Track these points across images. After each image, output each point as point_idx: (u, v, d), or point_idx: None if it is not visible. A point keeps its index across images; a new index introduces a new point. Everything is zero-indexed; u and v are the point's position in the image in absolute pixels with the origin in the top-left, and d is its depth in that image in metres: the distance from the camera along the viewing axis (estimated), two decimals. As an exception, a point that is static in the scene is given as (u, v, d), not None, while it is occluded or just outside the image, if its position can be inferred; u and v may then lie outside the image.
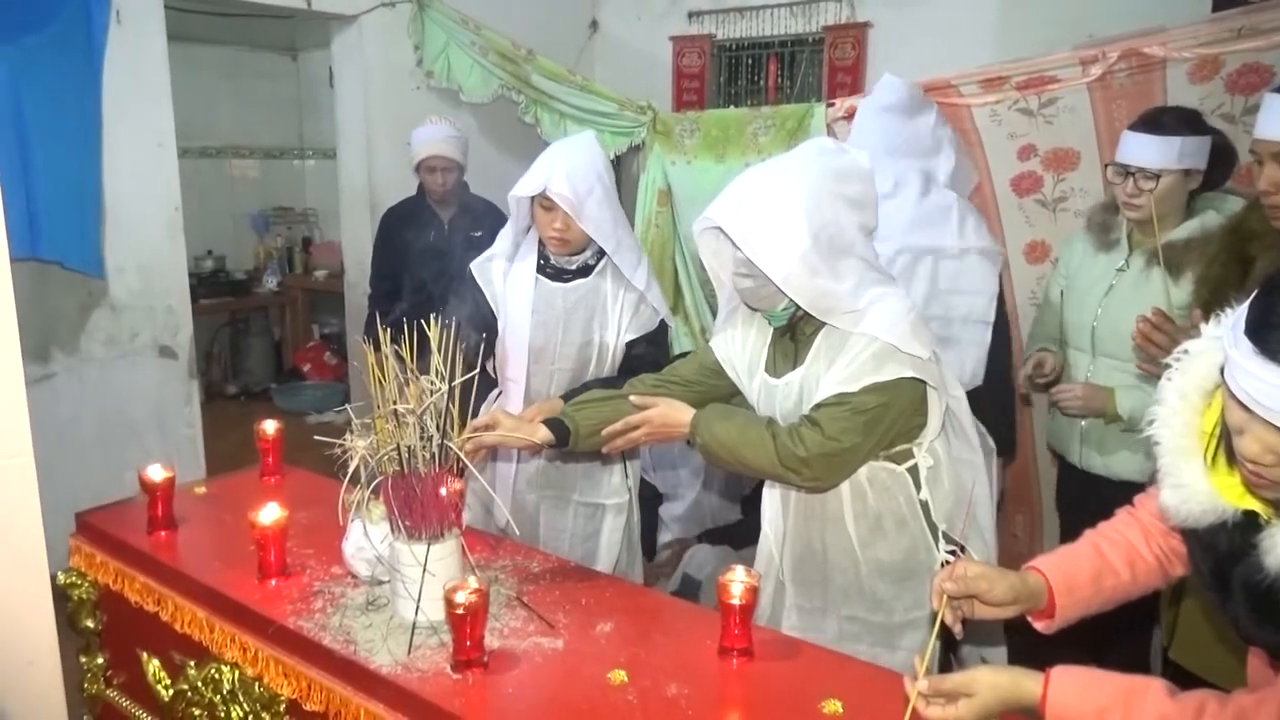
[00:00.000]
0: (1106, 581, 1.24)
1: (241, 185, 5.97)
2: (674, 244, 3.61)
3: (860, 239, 1.60)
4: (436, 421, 1.48)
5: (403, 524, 1.50)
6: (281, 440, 2.19)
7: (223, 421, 4.62)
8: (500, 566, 1.74)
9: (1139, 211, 2.03)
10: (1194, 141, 1.97)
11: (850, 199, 1.58)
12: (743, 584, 1.42)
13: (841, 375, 1.58)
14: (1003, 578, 1.21)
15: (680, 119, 3.54)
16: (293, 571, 1.70)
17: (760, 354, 1.76)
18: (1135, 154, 2.01)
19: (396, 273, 3.32)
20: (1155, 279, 2.03)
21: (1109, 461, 2.18)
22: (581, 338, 2.14)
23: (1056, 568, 1.23)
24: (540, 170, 2.03)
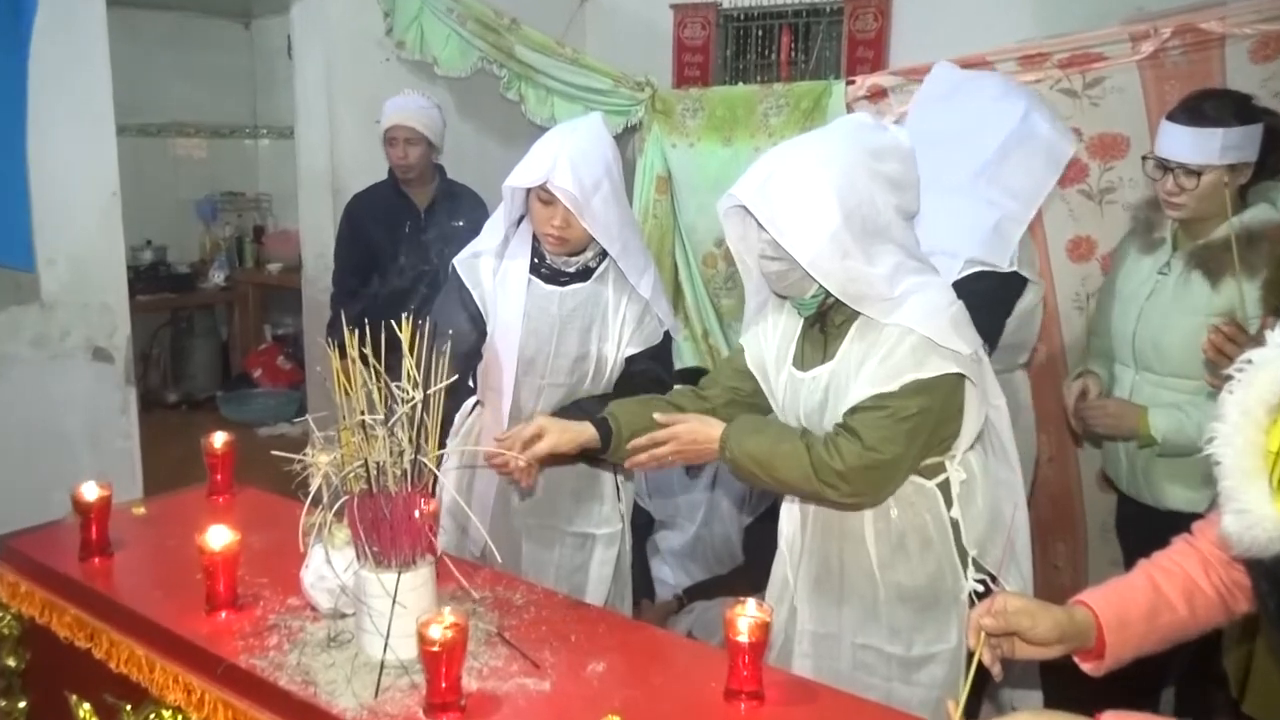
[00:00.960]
0: (1162, 618, 1.24)
1: (186, 167, 5.96)
2: (674, 237, 3.62)
3: (898, 222, 1.62)
4: (409, 434, 1.48)
5: (370, 549, 1.50)
6: (232, 455, 2.18)
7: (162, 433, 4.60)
8: (480, 598, 1.74)
9: (1181, 211, 2.04)
10: (1240, 133, 1.96)
11: (887, 178, 1.59)
12: (752, 619, 1.41)
13: (876, 373, 1.60)
14: (1047, 613, 1.21)
15: (682, 97, 3.55)
16: (245, 603, 1.69)
17: (789, 345, 1.78)
18: (1173, 148, 2.00)
19: (364, 267, 3.31)
20: (1197, 284, 2.04)
21: (1156, 492, 2.19)
22: (577, 349, 2.13)
23: (1106, 602, 1.24)
24: (541, 158, 1.99)
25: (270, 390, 5.62)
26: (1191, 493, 2.10)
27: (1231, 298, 1.98)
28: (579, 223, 1.99)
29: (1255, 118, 1.99)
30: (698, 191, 3.52)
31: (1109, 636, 1.22)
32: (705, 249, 3.57)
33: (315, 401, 4.19)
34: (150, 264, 5.50)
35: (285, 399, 5.45)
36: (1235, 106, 1.98)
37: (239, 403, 5.49)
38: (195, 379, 5.79)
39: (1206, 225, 2.05)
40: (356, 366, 1.47)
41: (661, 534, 3.25)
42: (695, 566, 3.18)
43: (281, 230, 5.99)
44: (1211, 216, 2.03)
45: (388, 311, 1.56)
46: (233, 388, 5.72)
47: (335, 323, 3.32)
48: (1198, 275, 2.04)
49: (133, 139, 5.36)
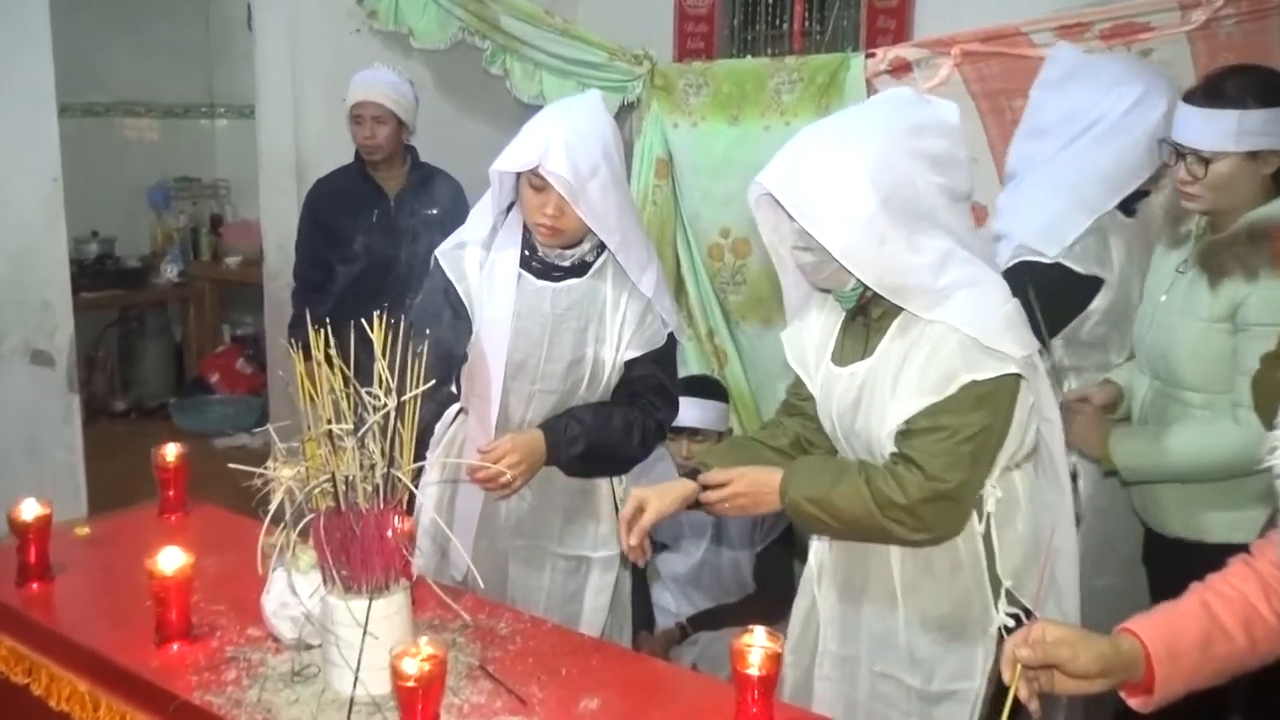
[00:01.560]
0: (1217, 648, 1.24)
1: (136, 151, 5.95)
2: (675, 225, 3.62)
3: (945, 205, 1.61)
4: (381, 445, 1.48)
5: (338, 574, 1.50)
6: (185, 469, 2.18)
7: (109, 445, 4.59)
8: (459, 627, 1.73)
9: (1196, 203, 2.01)
10: (1261, 116, 1.90)
11: (930, 156, 1.59)
12: (763, 650, 1.41)
13: (923, 379, 1.59)
14: (1089, 643, 1.21)
15: (685, 71, 3.55)
16: (200, 633, 1.69)
17: (829, 339, 1.79)
18: (1184, 131, 1.97)
19: (328, 260, 3.31)
20: (1200, 285, 2.01)
21: (1161, 519, 2.18)
22: (572, 353, 2.12)
23: (1156, 631, 1.23)
24: (533, 140, 1.98)
25: (229, 397, 5.62)
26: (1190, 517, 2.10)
27: (1232, 302, 1.95)
28: (574, 212, 1.98)
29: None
30: (702, 176, 3.51)
31: (1159, 669, 1.22)
32: (710, 239, 3.57)
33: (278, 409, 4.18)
34: (96, 257, 5.49)
35: (245, 407, 5.44)
36: (1261, 86, 1.92)
37: (194, 411, 5.48)
38: (146, 385, 5.79)
39: (1231, 220, 2.02)
40: (323, 370, 1.46)
41: (663, 557, 3.25)
42: (700, 594, 3.18)
43: (241, 220, 5.99)
44: (1235, 210, 1.99)
45: (354, 309, 1.56)
46: (187, 394, 5.71)
47: (297, 322, 3.31)
48: (1201, 275, 2.02)
49: (76, 120, 5.36)
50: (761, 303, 3.52)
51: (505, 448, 2.06)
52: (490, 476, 2.04)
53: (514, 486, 2.09)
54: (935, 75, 2.92)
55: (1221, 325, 1.97)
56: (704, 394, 3.03)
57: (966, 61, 2.88)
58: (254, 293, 4.83)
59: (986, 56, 2.85)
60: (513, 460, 2.06)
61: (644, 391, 2.18)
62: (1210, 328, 1.98)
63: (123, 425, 5.52)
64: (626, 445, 2.17)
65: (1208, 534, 2.07)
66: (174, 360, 5.95)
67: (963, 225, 1.65)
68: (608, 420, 2.15)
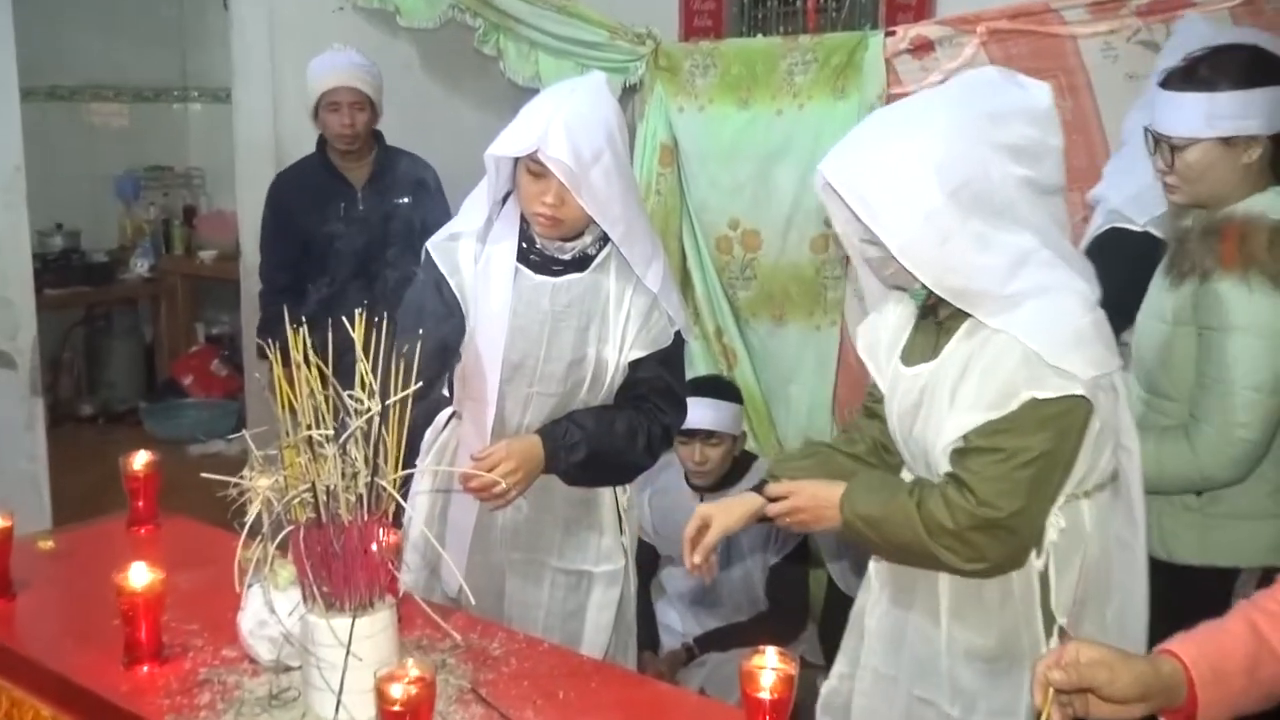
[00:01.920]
0: (1265, 670, 1.23)
1: (104, 138, 5.95)
2: (680, 217, 3.62)
3: (1028, 199, 1.57)
4: (364, 452, 1.47)
5: (319, 590, 1.49)
6: (156, 478, 2.17)
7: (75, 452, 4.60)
8: (449, 647, 1.73)
9: (1175, 194, 1.99)
10: (1233, 99, 1.85)
11: (1010, 146, 1.56)
12: (775, 672, 1.41)
13: (981, 391, 1.57)
14: (1127, 665, 1.20)
15: (691, 51, 3.56)
16: (171, 654, 1.68)
17: (901, 336, 1.78)
18: (1158, 116, 1.95)
19: (294, 260, 3.29)
20: (1167, 281, 1.99)
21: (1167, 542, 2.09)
22: (573, 353, 2.11)
23: (1199, 652, 1.23)
24: (532, 123, 1.97)
25: (203, 401, 5.62)
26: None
27: (1191, 303, 1.93)
28: (575, 201, 1.98)
29: (1270, 78, 1.87)
30: (709, 163, 3.52)
31: (1202, 693, 1.21)
32: (718, 231, 3.57)
33: (256, 414, 4.18)
34: (61, 252, 5.50)
35: (221, 411, 5.45)
36: (1238, 66, 1.87)
37: (166, 415, 5.48)
38: (114, 388, 5.79)
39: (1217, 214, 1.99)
40: (301, 373, 1.46)
41: (668, 573, 3.25)
42: (708, 612, 3.18)
43: (216, 211, 5.99)
44: (1220, 201, 1.95)
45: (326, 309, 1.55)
46: (159, 398, 5.72)
47: (266, 325, 3.31)
48: (1170, 274, 2.00)
49: (39, 104, 5.37)
50: (773, 299, 3.52)
51: (500, 455, 2.05)
52: (484, 485, 2.03)
53: (509, 497, 2.08)
54: (959, 55, 2.92)
55: (1184, 328, 1.95)
56: (716, 395, 3.03)
57: (993, 40, 2.88)
58: (230, 289, 4.83)
59: (1014, 35, 2.85)
60: (508, 468, 2.04)
61: (649, 394, 2.17)
62: (1175, 331, 1.97)
63: (89, 431, 5.52)
64: (630, 452, 2.16)
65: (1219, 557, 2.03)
66: (144, 361, 5.95)
67: (1049, 221, 1.61)
68: (610, 425, 2.14)
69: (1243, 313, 1.86)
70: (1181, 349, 1.96)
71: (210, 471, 1.49)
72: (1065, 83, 2.79)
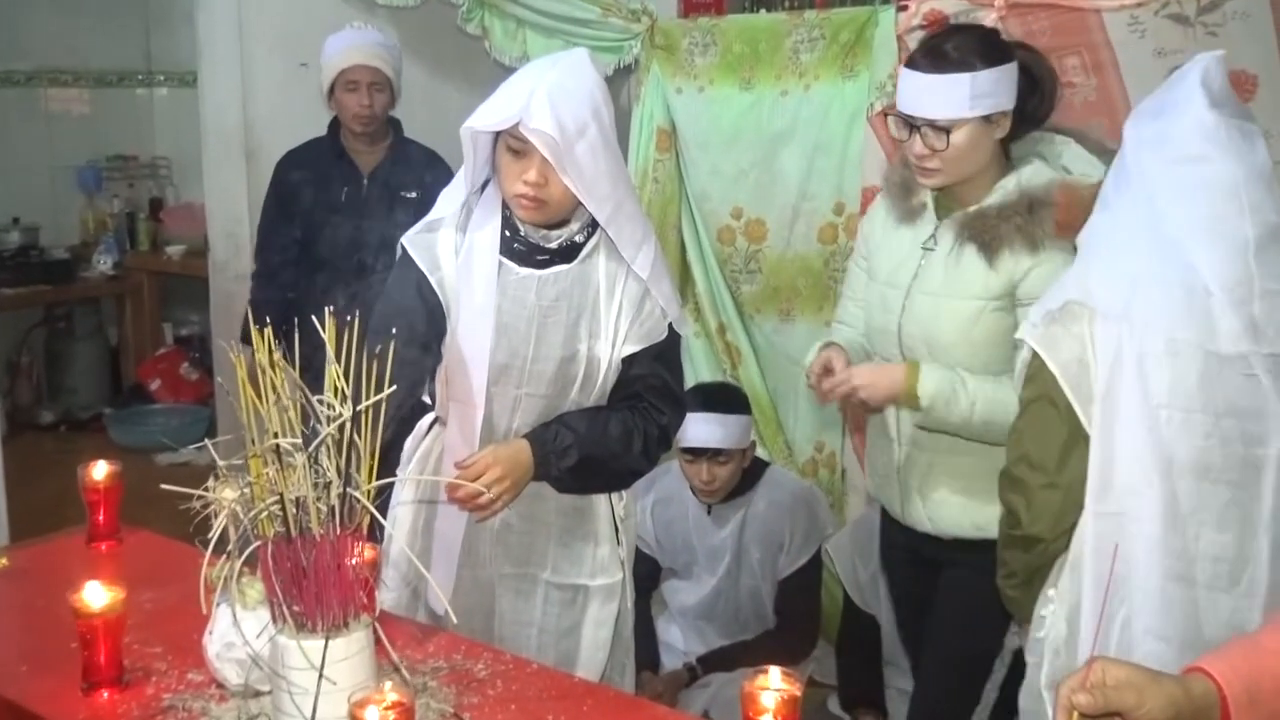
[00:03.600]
0: (1304, 689, 1.23)
1: (63, 125, 5.95)
2: (680, 205, 3.62)
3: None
4: (336, 462, 1.47)
5: (289, 610, 1.49)
6: (118, 489, 2.17)
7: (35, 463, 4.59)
8: (431, 669, 1.73)
9: (935, 177, 2.12)
10: (988, 76, 2.02)
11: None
12: (778, 694, 1.40)
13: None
14: (1158, 687, 1.20)
15: (690, 28, 3.55)
16: (133, 679, 1.68)
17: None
18: (915, 100, 2.07)
19: (291, 244, 3.32)
20: (971, 261, 2.10)
21: (934, 512, 2.26)
22: (563, 350, 2.09)
23: (1233, 671, 1.22)
24: (513, 95, 1.96)
25: (171, 407, 5.63)
26: (979, 510, 2.15)
27: (1011, 278, 2.06)
28: (559, 180, 1.97)
29: (1006, 56, 2.06)
30: (710, 149, 3.51)
31: (1237, 715, 1.21)
32: (720, 222, 3.57)
33: (227, 420, 4.18)
34: (18, 248, 5.50)
35: (190, 417, 5.46)
36: (981, 44, 2.06)
37: (132, 423, 5.48)
38: (76, 393, 5.79)
39: (971, 188, 2.13)
40: (268, 376, 1.45)
41: (670, 586, 3.25)
42: (713, 629, 3.18)
43: (184, 204, 5.99)
44: (974, 178, 2.11)
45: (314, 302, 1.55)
46: (124, 404, 5.72)
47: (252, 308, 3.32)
48: (971, 250, 2.10)
49: (-6, 90, 5.38)
50: (779, 293, 3.52)
51: (486, 462, 2.04)
52: (469, 495, 2.02)
53: (496, 507, 2.07)
54: (976, 30, 2.92)
55: (998, 303, 2.08)
56: (725, 407, 3.01)
57: (1012, 15, 2.87)
58: (199, 287, 4.83)
59: (1034, 9, 2.84)
60: (494, 475, 2.03)
61: (644, 393, 2.16)
62: (986, 306, 2.09)
63: (50, 440, 5.52)
64: (626, 456, 2.14)
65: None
66: (108, 365, 5.96)
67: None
68: (604, 427, 2.12)
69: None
70: (994, 324, 2.09)
71: (179, 482, 1.49)
72: (1089, 60, 2.79)
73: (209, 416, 5.25)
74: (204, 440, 1.57)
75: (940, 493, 2.23)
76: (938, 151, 2.06)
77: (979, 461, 2.12)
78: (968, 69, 2.01)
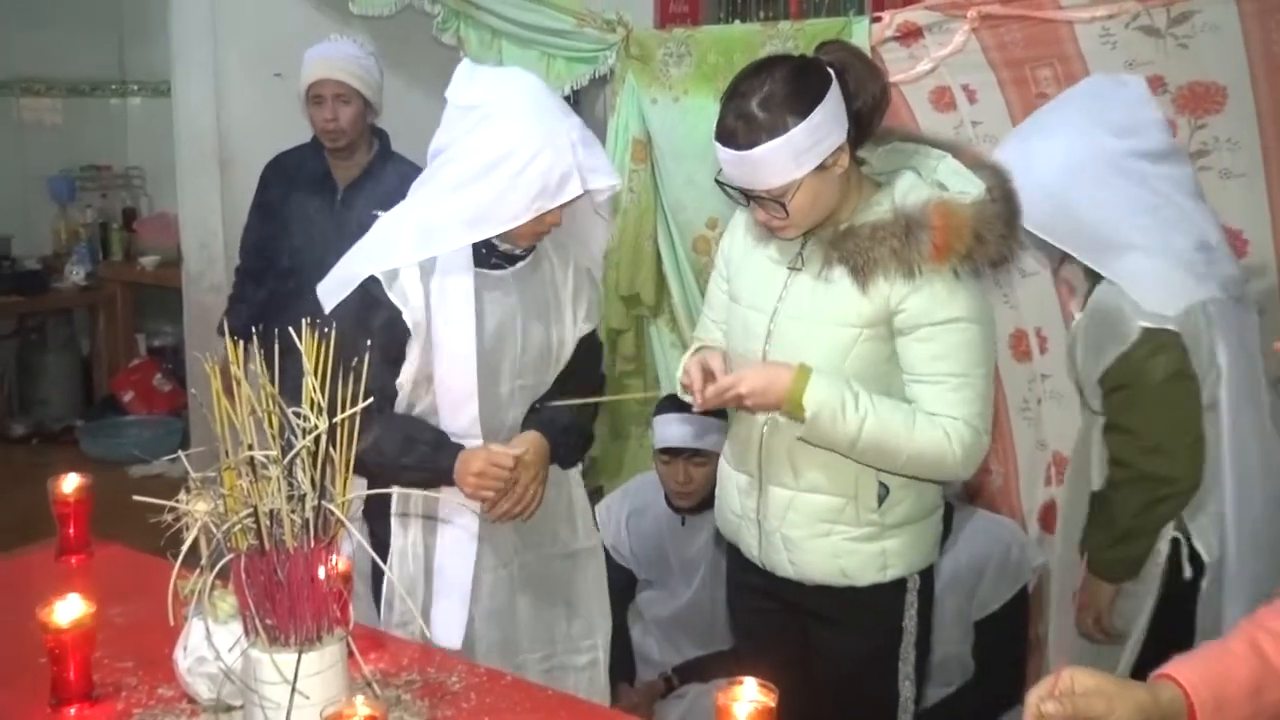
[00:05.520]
0: (1270, 694, 1.25)
1: (36, 135, 5.93)
2: (655, 215, 3.62)
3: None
4: (311, 475, 1.47)
5: (262, 623, 1.48)
6: (89, 503, 2.17)
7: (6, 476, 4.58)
8: (404, 682, 1.73)
9: (789, 232, 1.99)
10: (806, 129, 1.83)
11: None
12: (753, 705, 1.40)
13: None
14: (1127, 693, 1.21)
15: (665, 39, 3.56)
16: (102, 694, 1.67)
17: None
18: (736, 175, 1.92)
19: (270, 248, 3.32)
20: (842, 285, 1.96)
21: (797, 558, 2.09)
22: (542, 337, 2.23)
23: (1199, 677, 1.24)
24: (547, 166, 2.01)
25: (144, 418, 5.61)
26: (849, 558, 2.04)
27: (887, 304, 1.93)
28: None
29: (821, 90, 1.86)
30: (685, 159, 3.51)
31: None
32: (696, 231, 3.57)
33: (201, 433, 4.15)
34: (-11, 259, 5.47)
35: (164, 429, 5.42)
36: (790, 92, 1.85)
37: (105, 435, 5.46)
38: (48, 405, 5.75)
39: (836, 211, 1.99)
40: (242, 386, 1.45)
41: (646, 598, 3.24)
42: (689, 639, 3.17)
43: (158, 214, 5.98)
44: (832, 211, 1.98)
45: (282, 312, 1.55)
46: (97, 416, 5.69)
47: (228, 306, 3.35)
48: (842, 272, 1.96)
49: (-35, 99, 5.35)
50: (755, 304, 3.52)
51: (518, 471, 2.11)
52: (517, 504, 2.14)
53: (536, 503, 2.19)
54: (949, 42, 2.93)
55: (872, 331, 1.95)
56: None
57: (985, 26, 2.88)
58: (173, 298, 4.81)
59: (1008, 20, 2.85)
60: (530, 475, 2.15)
61: (585, 378, 2.35)
62: (860, 334, 1.95)
63: (21, 453, 5.47)
64: (588, 422, 2.38)
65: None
66: (81, 377, 5.92)
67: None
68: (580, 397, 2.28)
69: (962, 304, 1.91)
70: (869, 351, 1.97)
71: (152, 495, 1.48)
72: (1061, 71, 2.80)
73: (182, 428, 5.22)
74: (177, 452, 1.57)
75: (802, 534, 2.07)
76: (786, 219, 1.93)
77: (844, 503, 2.02)
78: (781, 130, 1.82)
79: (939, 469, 1.96)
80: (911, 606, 2.08)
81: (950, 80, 2.97)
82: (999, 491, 3.20)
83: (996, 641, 2.93)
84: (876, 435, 1.91)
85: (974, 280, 1.94)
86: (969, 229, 1.85)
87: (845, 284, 1.95)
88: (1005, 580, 2.88)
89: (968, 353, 1.92)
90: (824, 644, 2.13)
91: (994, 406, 2.02)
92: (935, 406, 1.93)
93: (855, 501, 2.00)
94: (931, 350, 1.92)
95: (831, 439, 1.93)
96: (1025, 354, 3.06)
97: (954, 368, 1.92)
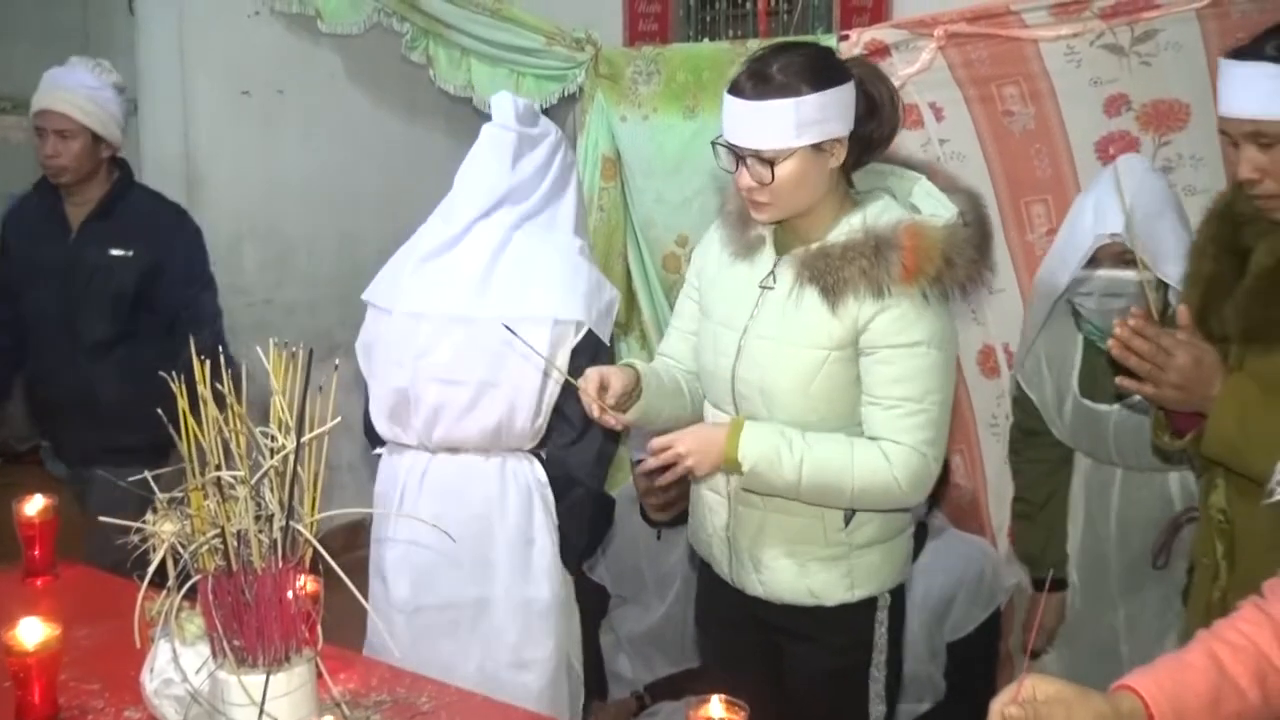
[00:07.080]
0: (1228, 705, 1.26)
1: (2, 154, 5.88)
2: (625, 232, 3.64)
3: None
4: (279, 495, 1.47)
5: (229, 645, 1.48)
6: (54, 523, 2.16)
7: (-31, 498, 4.52)
8: (374, 702, 1.73)
9: (765, 212, 1.94)
10: (816, 101, 1.82)
11: None
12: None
13: None
14: (1086, 703, 1.23)
15: (634, 57, 3.58)
16: (69, 718, 1.67)
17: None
18: (736, 129, 1.89)
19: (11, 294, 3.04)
20: (812, 305, 1.93)
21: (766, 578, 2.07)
22: None
23: (1158, 688, 1.25)
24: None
25: (111, 439, 5.54)
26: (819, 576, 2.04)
27: (855, 325, 1.90)
28: None
29: (839, 78, 1.86)
30: (655, 176, 3.54)
31: (1164, 732, 1.24)
32: (665, 248, 3.59)
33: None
34: (-48, 278, 5.40)
35: (131, 450, 5.37)
36: (810, 65, 1.85)
37: (70, 456, 5.39)
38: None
39: (812, 222, 1.96)
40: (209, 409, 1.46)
41: (619, 613, 3.24)
42: (662, 656, 3.17)
43: (125, 232, 5.92)
44: (814, 210, 1.95)
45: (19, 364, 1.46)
46: (62, 436, 5.62)
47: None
48: (813, 292, 1.92)
49: (-72, 117, 5.30)
50: (726, 321, 3.54)
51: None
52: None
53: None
54: (916, 59, 2.96)
55: (840, 353, 1.92)
56: None
57: (951, 44, 2.92)
58: (139, 317, 4.77)
59: (974, 38, 2.89)
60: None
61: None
62: (828, 356, 1.93)
63: (-14, 473, 5.43)
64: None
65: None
66: (46, 397, 5.86)
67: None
68: None
69: (926, 328, 1.89)
70: (838, 374, 1.94)
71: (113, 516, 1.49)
72: (1027, 89, 2.84)
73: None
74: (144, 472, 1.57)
75: (771, 554, 2.06)
76: (765, 184, 1.88)
77: (812, 523, 2.01)
78: (792, 93, 1.81)
79: (887, 499, 1.95)
80: (882, 624, 2.07)
81: (918, 98, 3.00)
82: (968, 506, 3.21)
83: (968, 662, 2.93)
84: (816, 476, 1.91)
85: (942, 304, 1.92)
86: (939, 252, 1.85)
87: (816, 305, 1.93)
88: (979, 604, 2.88)
89: (926, 379, 1.91)
90: (795, 661, 2.12)
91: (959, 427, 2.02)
92: (885, 431, 1.92)
93: (822, 522, 2.00)
94: (891, 373, 1.91)
95: (774, 486, 1.94)
96: (993, 370, 3.08)
97: (910, 392, 1.90)
